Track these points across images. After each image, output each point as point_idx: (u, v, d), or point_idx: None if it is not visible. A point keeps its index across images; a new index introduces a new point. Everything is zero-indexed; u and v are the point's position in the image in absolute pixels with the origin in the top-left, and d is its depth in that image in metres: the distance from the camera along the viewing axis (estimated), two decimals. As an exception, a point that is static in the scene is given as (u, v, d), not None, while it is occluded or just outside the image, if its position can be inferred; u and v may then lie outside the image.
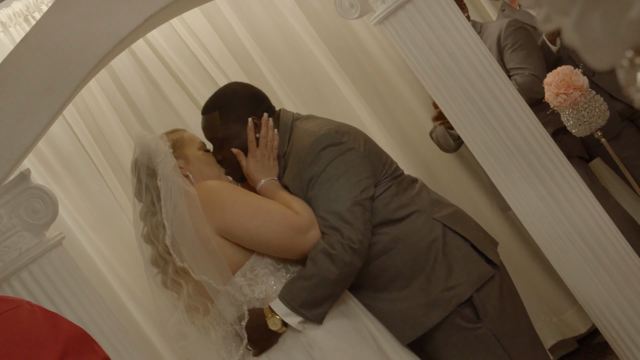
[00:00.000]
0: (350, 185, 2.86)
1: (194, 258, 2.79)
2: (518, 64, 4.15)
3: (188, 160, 3.02)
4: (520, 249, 4.70)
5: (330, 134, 2.93)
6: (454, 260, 2.94)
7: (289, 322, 2.79)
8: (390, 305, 2.96)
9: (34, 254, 2.79)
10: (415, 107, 4.64)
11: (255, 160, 3.02)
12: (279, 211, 2.84)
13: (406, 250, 2.94)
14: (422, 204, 3.01)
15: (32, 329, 1.16)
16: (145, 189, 2.93)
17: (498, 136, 3.05)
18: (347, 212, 2.82)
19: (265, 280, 2.85)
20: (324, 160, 2.88)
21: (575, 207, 3.06)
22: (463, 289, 2.92)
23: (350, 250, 2.79)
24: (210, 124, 3.08)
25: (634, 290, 3.08)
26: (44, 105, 2.74)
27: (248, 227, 2.80)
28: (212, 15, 4.47)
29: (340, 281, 2.82)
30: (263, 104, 3.11)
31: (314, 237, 2.83)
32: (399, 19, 3.06)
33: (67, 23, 2.77)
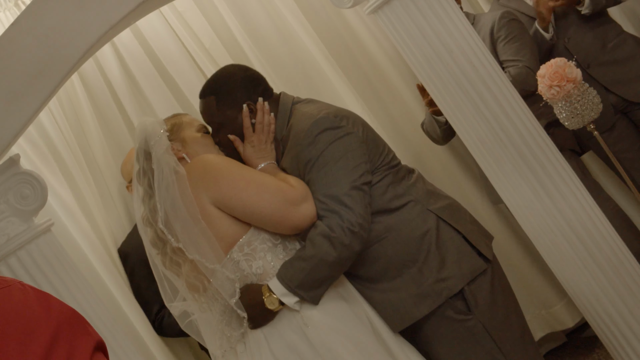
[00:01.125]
0: (349, 169, 2.85)
1: (187, 238, 2.81)
2: (511, 55, 4.14)
3: (185, 142, 3.03)
4: (510, 242, 4.70)
5: (329, 117, 2.92)
6: (447, 253, 2.95)
7: (286, 302, 2.80)
8: (381, 294, 2.96)
9: (23, 239, 2.77)
10: (407, 99, 4.63)
11: (252, 146, 3.03)
12: (273, 183, 2.85)
13: (398, 240, 2.94)
14: (417, 194, 3.01)
15: (24, 308, 1.15)
16: (143, 173, 2.95)
17: (491, 128, 3.04)
18: (345, 196, 2.82)
19: (262, 255, 2.86)
20: (321, 143, 2.87)
21: (567, 199, 3.06)
22: (454, 281, 2.92)
23: (349, 233, 2.79)
24: (207, 108, 3.08)
25: (624, 285, 3.08)
26: (34, 90, 2.71)
27: (242, 196, 2.80)
28: (203, 3, 4.45)
29: (338, 264, 2.82)
30: (259, 87, 3.10)
31: (307, 210, 2.84)
32: (392, 9, 3.04)
33: (59, 7, 2.74)
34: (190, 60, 4.41)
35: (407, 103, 4.62)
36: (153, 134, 2.95)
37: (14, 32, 2.75)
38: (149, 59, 4.38)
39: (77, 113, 4.25)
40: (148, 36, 4.39)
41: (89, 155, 4.25)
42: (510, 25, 4.21)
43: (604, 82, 4.19)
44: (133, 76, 4.36)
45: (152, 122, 3.02)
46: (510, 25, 4.21)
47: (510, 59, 4.14)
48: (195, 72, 4.39)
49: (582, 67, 4.18)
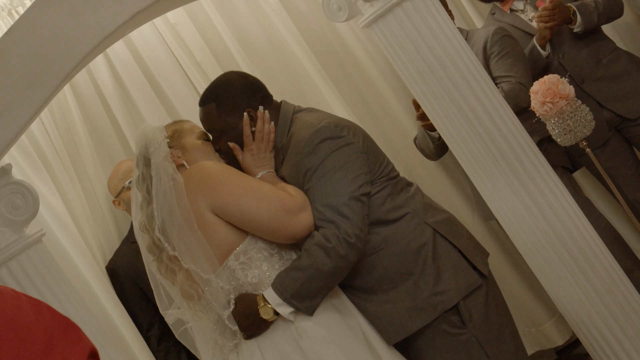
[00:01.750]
0: (348, 179, 2.85)
1: (182, 246, 2.81)
2: (504, 72, 4.14)
3: (185, 149, 3.03)
4: (500, 258, 4.70)
5: (330, 127, 2.92)
6: (443, 267, 2.94)
7: (281, 312, 2.79)
8: (376, 306, 2.96)
9: (14, 250, 2.76)
10: (398, 113, 4.63)
11: (251, 154, 3.02)
12: (272, 192, 2.85)
13: (395, 252, 2.93)
14: (415, 207, 3.01)
15: (18, 316, 1.14)
16: (142, 179, 2.95)
17: (483, 143, 3.04)
18: (344, 206, 2.81)
19: (258, 265, 2.85)
20: (321, 152, 2.87)
21: (559, 216, 3.05)
22: (450, 295, 2.92)
23: (345, 244, 2.78)
24: (206, 115, 3.07)
25: (616, 302, 3.07)
26: (27, 99, 2.70)
27: (240, 203, 2.79)
28: (196, 14, 4.45)
29: (333, 274, 2.82)
30: (259, 94, 3.10)
31: (304, 219, 2.83)
32: (387, 23, 3.04)
33: (53, 17, 2.73)
34: (181, 73, 4.40)
35: (399, 117, 4.62)
36: (153, 141, 2.95)
37: (7, 42, 2.74)
38: (140, 70, 4.37)
39: (68, 124, 4.23)
40: (140, 47, 4.38)
41: (80, 167, 4.24)
42: (504, 41, 4.21)
43: (598, 97, 4.20)
44: (125, 87, 4.35)
45: (153, 128, 3.02)
46: (503, 41, 4.21)
47: (503, 75, 4.14)
48: (186, 85, 4.38)
49: (576, 83, 4.19)
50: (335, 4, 3.18)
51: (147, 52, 4.37)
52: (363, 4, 3.06)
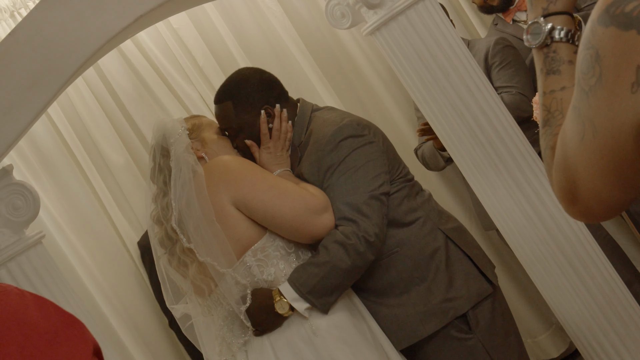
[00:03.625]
0: (369, 178, 2.85)
1: (199, 239, 2.79)
2: (506, 82, 4.15)
3: (205, 142, 3.02)
4: (498, 270, 4.67)
5: (352, 125, 2.92)
6: (455, 273, 2.95)
7: (297, 307, 2.78)
8: (387, 309, 2.95)
9: (13, 251, 2.75)
10: (399, 122, 4.63)
11: (268, 152, 3.01)
12: (296, 190, 2.84)
13: (408, 256, 2.93)
14: (429, 211, 3.01)
15: (22, 312, 1.13)
16: (158, 170, 2.93)
17: (485, 152, 3.04)
18: (364, 204, 2.81)
19: (275, 263, 2.84)
20: (343, 150, 2.87)
21: (560, 226, 3.05)
22: (461, 302, 2.92)
23: (365, 242, 2.78)
24: (223, 113, 3.05)
25: (616, 314, 3.07)
26: (29, 100, 2.70)
27: (264, 199, 2.79)
28: (199, 19, 4.45)
29: (351, 272, 2.81)
30: (275, 89, 3.08)
31: (327, 220, 2.83)
32: (390, 31, 3.04)
33: (56, 18, 2.73)
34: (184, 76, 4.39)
35: (399, 126, 4.62)
36: (173, 132, 2.93)
37: (10, 42, 2.73)
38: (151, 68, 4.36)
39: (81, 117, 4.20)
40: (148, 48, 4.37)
41: (98, 161, 4.21)
42: (505, 52, 4.22)
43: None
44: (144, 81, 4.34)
45: (172, 120, 3.01)
46: (504, 52, 4.22)
47: (504, 86, 4.15)
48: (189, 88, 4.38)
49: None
50: (338, 11, 3.18)
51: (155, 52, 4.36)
52: (367, 11, 3.06)
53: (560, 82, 1.43)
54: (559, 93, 1.43)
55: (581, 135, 1.27)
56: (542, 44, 1.47)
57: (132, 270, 4.18)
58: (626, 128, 1.19)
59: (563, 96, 1.42)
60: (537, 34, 1.46)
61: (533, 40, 1.47)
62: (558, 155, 1.36)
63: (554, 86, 1.44)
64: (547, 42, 1.46)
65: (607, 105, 1.20)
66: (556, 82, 1.44)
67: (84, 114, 4.21)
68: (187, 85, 4.36)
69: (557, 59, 1.45)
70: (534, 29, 1.47)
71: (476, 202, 4.00)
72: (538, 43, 1.47)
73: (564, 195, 1.38)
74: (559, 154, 1.35)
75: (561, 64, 1.44)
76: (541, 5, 1.47)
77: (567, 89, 1.42)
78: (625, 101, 1.18)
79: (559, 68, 1.45)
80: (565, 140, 1.32)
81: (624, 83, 1.17)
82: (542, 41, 1.46)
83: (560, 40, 1.45)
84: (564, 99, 1.41)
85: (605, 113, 1.21)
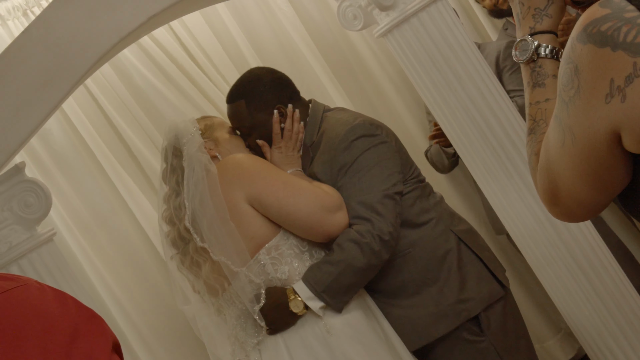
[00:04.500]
0: (382, 177, 2.85)
1: (213, 238, 2.79)
2: (518, 85, 4.14)
3: (218, 142, 3.02)
4: (507, 274, 4.67)
5: (365, 124, 2.93)
6: (468, 275, 2.95)
7: (311, 305, 2.79)
8: (399, 311, 2.96)
9: (25, 248, 2.76)
10: (409, 125, 4.62)
11: (279, 152, 3.02)
12: (310, 188, 2.85)
13: (421, 256, 2.94)
14: (441, 213, 3.02)
15: (43, 306, 1.13)
16: (171, 170, 2.94)
17: (496, 155, 3.04)
18: (378, 203, 2.82)
19: (289, 261, 2.84)
20: (356, 149, 2.87)
21: (571, 231, 3.05)
22: (474, 304, 2.92)
23: (379, 241, 2.79)
24: (236, 112, 3.05)
25: (626, 319, 3.06)
26: (42, 98, 2.71)
27: (278, 196, 2.79)
28: (211, 20, 4.45)
29: (365, 271, 2.81)
30: (288, 89, 3.09)
31: (341, 218, 2.83)
32: (402, 33, 3.04)
33: (70, 17, 2.73)
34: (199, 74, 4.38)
35: (409, 129, 4.61)
36: (186, 132, 2.94)
37: (24, 40, 2.74)
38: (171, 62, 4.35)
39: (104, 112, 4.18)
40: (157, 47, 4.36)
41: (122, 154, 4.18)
42: (517, 55, 4.21)
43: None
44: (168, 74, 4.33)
45: (184, 120, 3.01)
46: (516, 55, 4.21)
47: (516, 89, 4.13)
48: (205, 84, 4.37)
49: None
50: (350, 13, 3.18)
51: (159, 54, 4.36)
52: (379, 13, 3.06)
53: (544, 94, 1.58)
54: (544, 104, 1.57)
55: (562, 142, 1.41)
56: (529, 59, 1.62)
57: (146, 269, 4.16)
58: (601, 135, 1.34)
59: (547, 107, 1.56)
60: (524, 50, 1.62)
61: (521, 55, 1.62)
62: (542, 160, 1.49)
63: (539, 97, 1.58)
64: (534, 57, 1.61)
65: (585, 114, 1.35)
66: (541, 94, 1.59)
67: (108, 105, 4.19)
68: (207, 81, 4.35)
69: (542, 73, 1.60)
70: (522, 45, 1.62)
71: (487, 206, 3.99)
72: (525, 58, 1.62)
73: (546, 197, 1.51)
74: (542, 159, 1.49)
75: (546, 78, 1.59)
76: (529, 25, 1.63)
77: (550, 100, 1.56)
78: (600, 110, 1.32)
79: (544, 81, 1.60)
80: (548, 146, 1.46)
81: (599, 94, 1.32)
82: (529, 57, 1.61)
83: (546, 56, 1.60)
84: (548, 109, 1.56)
85: (582, 121, 1.35)
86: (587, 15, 1.35)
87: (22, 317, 1.09)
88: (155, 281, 4.13)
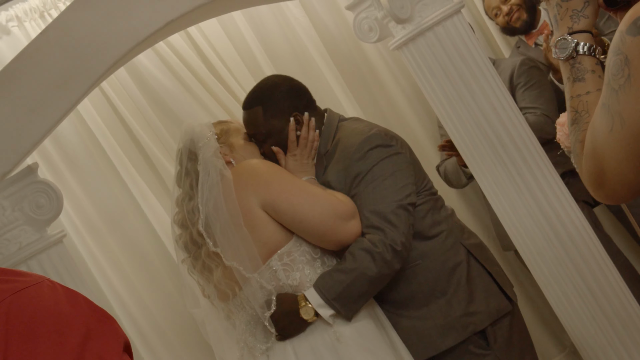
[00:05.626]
0: (397, 187, 2.85)
1: (226, 243, 2.79)
2: (530, 103, 4.14)
3: (233, 147, 3.03)
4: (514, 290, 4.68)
5: (380, 135, 2.93)
6: (476, 288, 2.95)
7: (321, 313, 2.78)
8: (407, 322, 2.95)
9: (34, 249, 2.77)
10: (421, 138, 4.64)
11: (294, 160, 3.02)
12: (324, 195, 2.85)
13: (430, 268, 2.93)
14: (452, 226, 3.02)
15: (55, 307, 1.13)
16: (185, 174, 2.93)
17: (507, 171, 3.04)
18: (391, 213, 2.82)
19: (301, 267, 2.84)
20: (371, 159, 2.88)
21: (580, 249, 3.04)
22: (481, 317, 2.92)
23: (392, 251, 2.79)
24: (252, 119, 3.06)
25: (632, 339, 3.05)
26: (57, 100, 2.72)
27: (293, 202, 2.79)
28: (227, 27, 4.47)
29: (376, 280, 2.81)
30: (304, 97, 3.10)
31: (354, 227, 2.83)
32: (417, 46, 3.05)
33: (87, 20, 2.75)
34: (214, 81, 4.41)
35: (421, 142, 4.62)
36: (202, 136, 2.94)
37: (41, 42, 2.76)
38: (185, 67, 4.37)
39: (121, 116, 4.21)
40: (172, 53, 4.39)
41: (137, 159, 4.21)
42: (530, 73, 4.22)
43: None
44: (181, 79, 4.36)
45: (201, 124, 3.01)
46: (530, 73, 4.22)
47: (529, 106, 4.14)
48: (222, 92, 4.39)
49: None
50: (366, 25, 3.19)
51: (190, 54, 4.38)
52: (395, 26, 3.07)
53: (585, 88, 1.70)
54: (585, 97, 1.70)
55: (610, 127, 1.52)
56: (569, 57, 1.74)
57: (156, 273, 4.17)
58: None
59: (588, 99, 1.69)
60: (564, 48, 1.73)
61: (561, 53, 1.74)
62: (587, 146, 1.60)
63: (580, 91, 1.71)
64: (573, 55, 1.73)
65: (635, 99, 1.46)
66: (582, 88, 1.71)
67: (122, 108, 4.21)
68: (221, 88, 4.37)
69: (581, 69, 1.72)
70: (562, 44, 1.74)
71: (495, 222, 3.99)
72: (565, 56, 1.74)
73: (592, 180, 1.62)
74: (588, 145, 1.59)
75: (585, 73, 1.72)
76: (567, 25, 1.75)
77: (591, 93, 1.69)
78: None
79: (584, 76, 1.71)
80: (594, 133, 1.57)
81: None
82: (569, 54, 1.73)
83: (584, 53, 1.72)
84: (589, 101, 1.68)
85: (632, 106, 1.46)
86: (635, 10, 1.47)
87: (35, 317, 1.10)
88: (164, 286, 4.14)
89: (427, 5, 3.02)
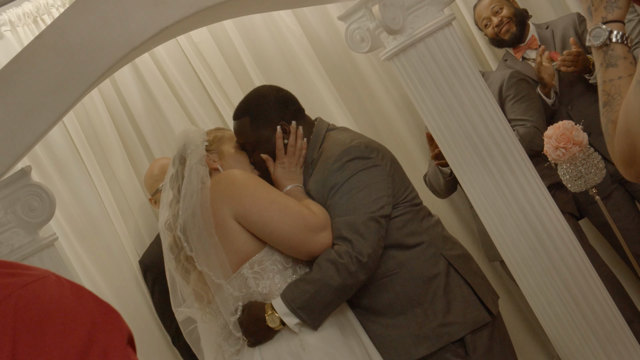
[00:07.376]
0: (370, 200, 2.88)
1: (200, 248, 2.84)
2: (520, 115, 4.18)
3: (222, 155, 3.07)
4: (502, 300, 4.70)
5: (360, 147, 2.96)
6: (454, 299, 2.96)
7: (287, 322, 2.82)
8: (382, 329, 2.97)
9: (26, 251, 2.78)
10: (411, 148, 4.67)
11: (282, 167, 3.05)
12: (296, 208, 2.88)
13: (407, 278, 2.95)
14: (433, 237, 3.03)
15: (62, 301, 1.14)
16: (176, 177, 3.00)
17: (495, 182, 3.07)
18: (362, 225, 2.84)
19: (271, 276, 2.87)
20: (348, 170, 2.91)
21: (566, 261, 3.07)
22: (457, 328, 2.93)
23: (357, 262, 2.81)
24: (241, 128, 3.10)
25: (615, 350, 3.08)
26: (51, 103, 2.73)
27: (263, 214, 2.83)
28: (218, 36, 4.49)
29: (341, 290, 2.84)
30: (292, 107, 3.13)
31: (324, 239, 2.87)
32: (408, 57, 3.08)
33: (83, 25, 2.76)
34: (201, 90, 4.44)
35: (411, 152, 4.66)
36: (192, 142, 3.00)
37: (37, 45, 2.77)
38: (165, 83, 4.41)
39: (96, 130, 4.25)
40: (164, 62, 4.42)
41: (107, 171, 4.26)
42: (520, 85, 4.26)
43: (603, 151, 4.16)
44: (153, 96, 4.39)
45: (195, 130, 3.07)
46: (519, 85, 4.26)
47: (518, 119, 4.18)
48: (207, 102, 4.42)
49: (586, 134, 4.23)
50: (358, 35, 3.22)
51: (170, 67, 4.41)
52: (386, 36, 3.10)
53: (617, 73, 1.80)
54: (617, 81, 1.79)
55: None
56: (602, 44, 1.83)
57: (137, 281, 4.20)
58: None
59: (620, 83, 1.78)
60: (598, 36, 1.83)
61: (595, 41, 1.84)
62: (620, 125, 1.69)
63: (612, 76, 1.80)
64: (607, 42, 1.82)
65: None
66: (614, 73, 1.80)
67: (97, 123, 4.26)
68: (197, 102, 4.41)
69: (614, 55, 1.82)
70: (596, 32, 1.84)
71: (482, 232, 4.02)
72: (600, 43, 1.83)
73: (623, 158, 1.72)
74: (621, 125, 1.69)
75: (618, 59, 1.81)
76: (601, 15, 1.85)
77: (622, 78, 1.78)
78: None
79: (616, 62, 1.81)
80: (629, 112, 1.65)
81: None
82: (603, 42, 1.83)
83: (617, 41, 1.82)
84: (621, 85, 1.77)
85: None
86: None
87: (43, 311, 1.11)
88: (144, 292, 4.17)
89: (419, 17, 3.05)
